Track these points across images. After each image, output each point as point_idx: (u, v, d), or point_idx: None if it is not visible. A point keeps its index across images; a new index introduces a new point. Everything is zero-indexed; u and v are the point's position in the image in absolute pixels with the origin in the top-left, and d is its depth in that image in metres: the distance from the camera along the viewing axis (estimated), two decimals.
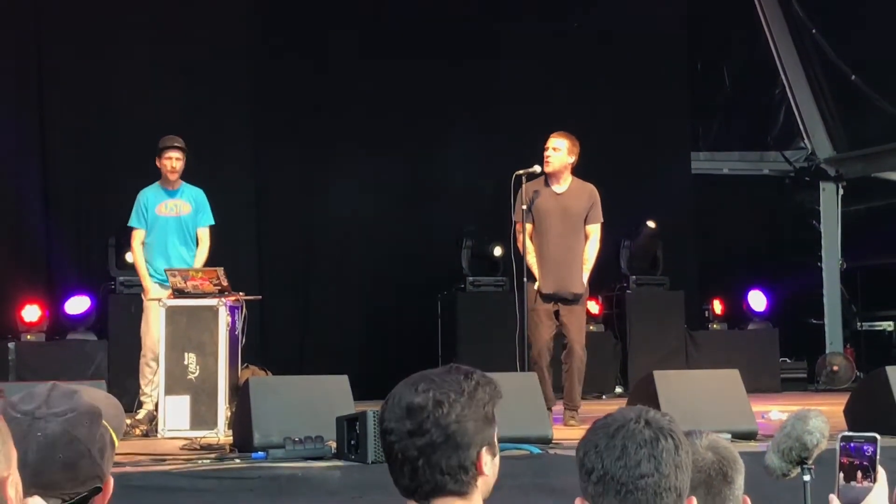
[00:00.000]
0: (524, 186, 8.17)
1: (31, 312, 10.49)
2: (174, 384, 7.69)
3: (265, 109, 11.82)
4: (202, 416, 7.62)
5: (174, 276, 7.97)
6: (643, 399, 6.52)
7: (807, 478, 3.25)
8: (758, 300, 13.01)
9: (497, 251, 11.47)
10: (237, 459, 6.15)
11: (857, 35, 13.08)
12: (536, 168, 8.21)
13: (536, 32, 12.70)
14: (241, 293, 8.10)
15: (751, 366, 10.87)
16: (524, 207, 8.13)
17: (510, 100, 12.49)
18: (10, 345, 10.19)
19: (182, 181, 8.41)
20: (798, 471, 3.23)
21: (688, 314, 12.33)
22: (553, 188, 8.26)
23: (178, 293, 7.91)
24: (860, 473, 2.43)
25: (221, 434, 7.42)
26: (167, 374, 7.71)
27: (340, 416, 6.04)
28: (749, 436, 6.61)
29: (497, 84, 12.52)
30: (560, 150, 8.22)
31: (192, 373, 7.71)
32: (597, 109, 12.54)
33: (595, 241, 8.32)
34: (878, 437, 2.44)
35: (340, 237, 11.83)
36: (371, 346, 11.38)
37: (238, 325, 8.05)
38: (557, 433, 6.89)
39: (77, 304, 10.69)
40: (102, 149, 11.20)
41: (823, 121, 13.74)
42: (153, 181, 8.42)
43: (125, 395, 7.19)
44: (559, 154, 8.21)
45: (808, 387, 12.78)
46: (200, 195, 8.47)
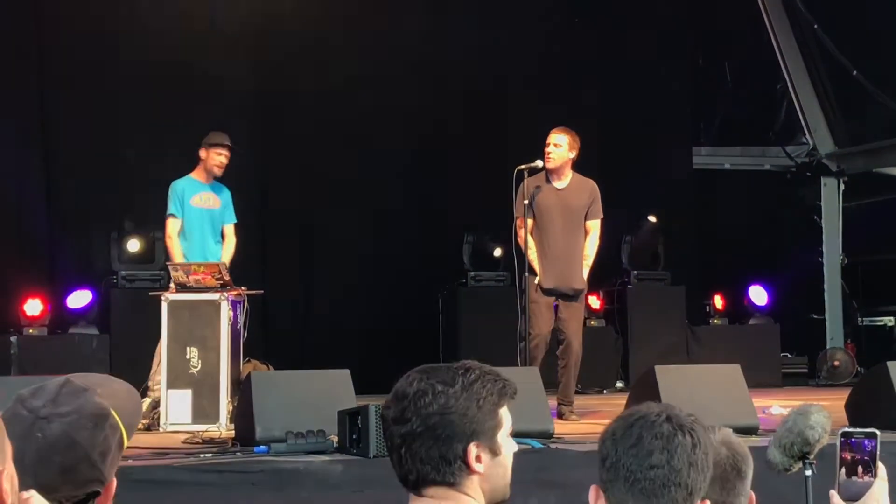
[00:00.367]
0: (525, 181, 8.17)
1: (33, 306, 10.49)
2: (176, 378, 7.69)
3: (266, 108, 11.81)
4: (204, 410, 7.62)
5: (176, 271, 7.97)
6: (644, 394, 6.52)
7: (808, 472, 3.25)
8: (759, 295, 13.00)
9: (497, 252, 11.52)
10: (239, 453, 6.18)
11: (859, 30, 13.06)
12: (538, 163, 8.20)
13: (538, 27, 12.68)
14: (243, 288, 8.10)
15: (752, 361, 10.80)
16: (525, 202, 8.13)
17: (513, 94, 12.49)
18: (13, 339, 10.20)
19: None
20: (800, 465, 3.23)
21: (689, 309, 12.32)
22: (554, 184, 8.27)
23: (181, 287, 7.92)
24: (861, 468, 2.45)
25: (223, 428, 7.42)
26: (169, 369, 7.71)
27: (342, 411, 6.05)
28: (750, 431, 6.60)
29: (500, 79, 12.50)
30: (561, 146, 8.23)
31: (195, 367, 7.71)
32: (598, 104, 12.53)
33: (595, 238, 8.33)
34: (878, 433, 2.46)
35: (342, 231, 11.81)
36: (372, 341, 11.37)
37: (240, 320, 8.05)
38: (559, 428, 6.90)
39: (79, 299, 10.70)
40: (104, 143, 11.19)
41: (825, 116, 13.72)
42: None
43: None
44: (560, 150, 8.22)
45: (809, 382, 12.77)
46: (228, 193, 8.61)
